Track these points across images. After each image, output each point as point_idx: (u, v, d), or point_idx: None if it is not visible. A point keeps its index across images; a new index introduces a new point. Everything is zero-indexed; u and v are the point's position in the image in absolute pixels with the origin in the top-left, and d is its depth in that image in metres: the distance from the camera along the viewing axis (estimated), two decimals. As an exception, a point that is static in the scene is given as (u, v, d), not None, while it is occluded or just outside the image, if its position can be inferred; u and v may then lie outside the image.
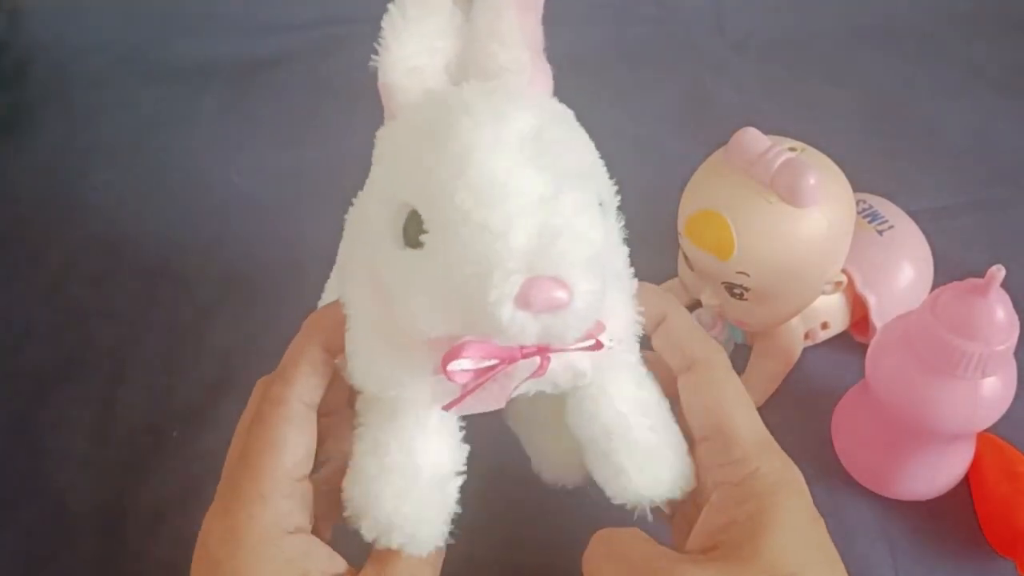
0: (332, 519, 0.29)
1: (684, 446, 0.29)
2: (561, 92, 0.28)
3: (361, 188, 0.28)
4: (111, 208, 0.57)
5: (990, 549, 0.39)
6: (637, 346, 0.30)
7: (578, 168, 0.24)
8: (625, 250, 0.29)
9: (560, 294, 0.21)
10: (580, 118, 0.27)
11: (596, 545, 0.27)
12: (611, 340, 0.27)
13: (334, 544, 0.28)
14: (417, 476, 0.27)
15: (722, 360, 0.29)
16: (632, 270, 0.30)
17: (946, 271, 0.45)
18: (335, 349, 0.28)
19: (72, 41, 0.69)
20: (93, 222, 0.56)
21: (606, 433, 0.29)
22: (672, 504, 0.29)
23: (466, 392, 0.25)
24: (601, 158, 0.27)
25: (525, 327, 0.22)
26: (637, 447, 0.28)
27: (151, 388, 0.47)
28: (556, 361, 0.27)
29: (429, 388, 0.26)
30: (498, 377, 0.25)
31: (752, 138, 0.37)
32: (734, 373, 0.29)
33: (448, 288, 0.23)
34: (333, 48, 0.68)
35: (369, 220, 0.26)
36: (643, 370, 0.30)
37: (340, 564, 0.27)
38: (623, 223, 0.28)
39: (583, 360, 0.28)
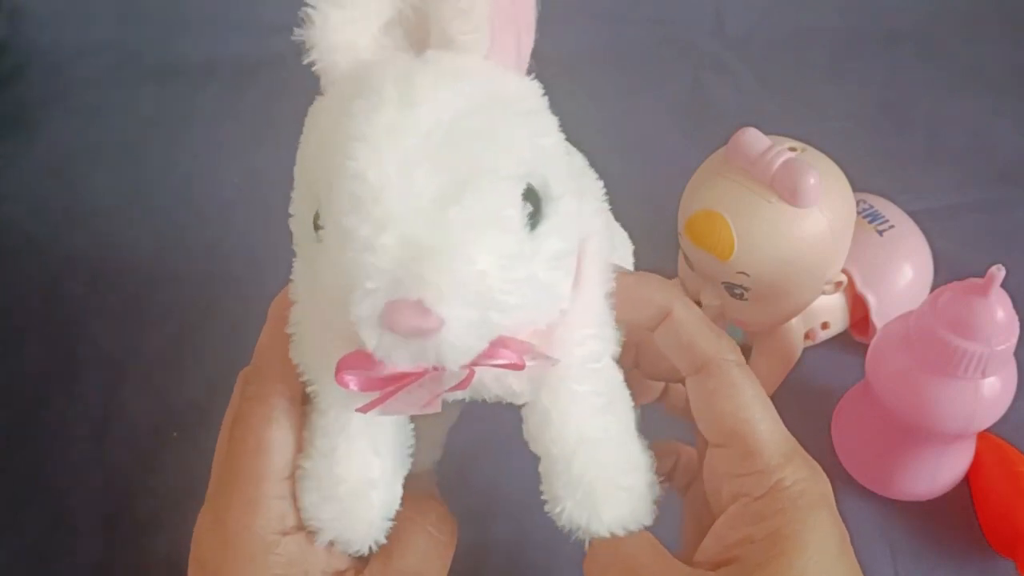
0: None
1: (642, 482, 0.25)
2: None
3: None
4: (111, 208, 0.57)
5: (990, 550, 0.39)
6: (598, 365, 0.25)
7: (503, 165, 0.21)
8: (587, 257, 0.25)
9: (424, 321, 0.19)
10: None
11: (599, 549, 0.25)
12: (546, 361, 0.23)
13: None
14: (335, 484, 0.25)
15: (736, 359, 0.26)
16: (606, 271, 0.25)
17: (946, 271, 0.45)
18: None
19: (72, 41, 0.69)
20: (93, 222, 0.56)
21: (548, 457, 0.25)
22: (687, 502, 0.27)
23: (384, 396, 0.23)
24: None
25: (392, 351, 0.19)
26: (578, 482, 0.24)
27: (151, 388, 0.47)
28: (487, 373, 0.23)
29: (346, 389, 0.23)
30: (424, 382, 0.22)
31: (752, 138, 0.37)
32: (750, 372, 0.26)
33: (328, 295, 0.20)
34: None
35: (295, 201, 0.24)
36: (601, 393, 0.25)
37: (342, 560, 0.26)
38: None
39: (519, 378, 0.24)
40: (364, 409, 0.23)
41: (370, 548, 0.26)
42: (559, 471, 0.25)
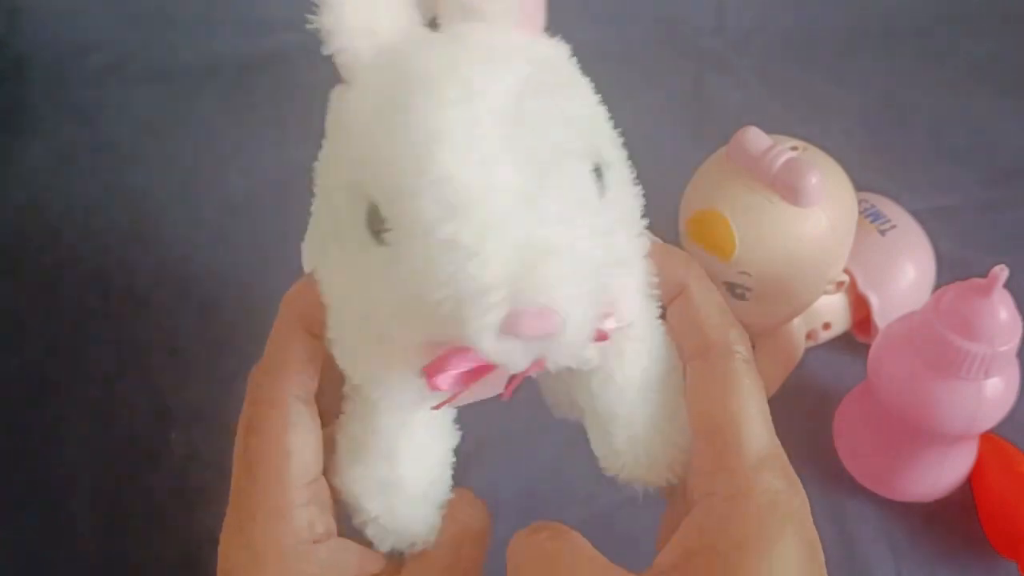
0: None
1: (687, 433, 0.25)
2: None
3: None
4: (110, 208, 0.57)
5: (993, 551, 0.39)
6: (652, 322, 0.25)
7: (568, 139, 0.20)
8: (635, 206, 0.25)
9: (549, 326, 0.18)
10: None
11: (523, 542, 0.23)
12: (619, 324, 0.23)
13: None
14: (400, 487, 0.24)
15: (742, 350, 0.24)
16: (644, 223, 0.25)
17: (949, 271, 0.45)
18: (319, 330, 0.24)
19: (71, 40, 0.68)
20: (93, 222, 0.56)
21: (609, 416, 0.25)
22: (670, 490, 0.26)
23: (459, 392, 0.22)
24: None
25: (512, 355, 0.19)
26: (638, 438, 0.25)
27: (150, 388, 0.47)
28: None
29: (417, 390, 0.22)
30: (501, 370, 0.22)
31: (754, 137, 0.37)
32: (754, 368, 0.24)
33: (420, 302, 0.19)
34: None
35: (329, 196, 0.22)
36: (655, 349, 0.25)
37: (376, 561, 0.25)
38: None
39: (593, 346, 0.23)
40: (440, 406, 0.23)
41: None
42: (621, 423, 0.25)
